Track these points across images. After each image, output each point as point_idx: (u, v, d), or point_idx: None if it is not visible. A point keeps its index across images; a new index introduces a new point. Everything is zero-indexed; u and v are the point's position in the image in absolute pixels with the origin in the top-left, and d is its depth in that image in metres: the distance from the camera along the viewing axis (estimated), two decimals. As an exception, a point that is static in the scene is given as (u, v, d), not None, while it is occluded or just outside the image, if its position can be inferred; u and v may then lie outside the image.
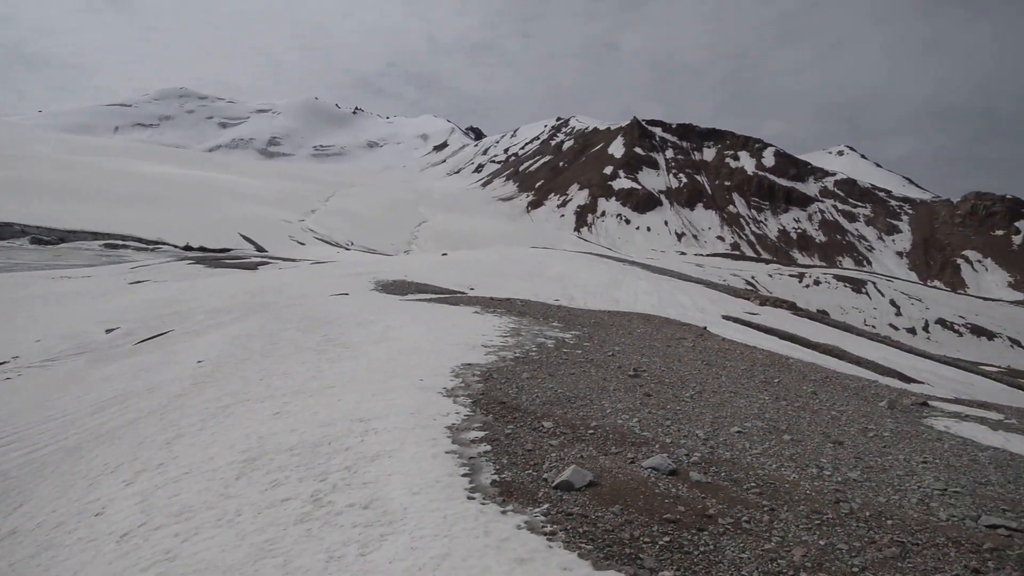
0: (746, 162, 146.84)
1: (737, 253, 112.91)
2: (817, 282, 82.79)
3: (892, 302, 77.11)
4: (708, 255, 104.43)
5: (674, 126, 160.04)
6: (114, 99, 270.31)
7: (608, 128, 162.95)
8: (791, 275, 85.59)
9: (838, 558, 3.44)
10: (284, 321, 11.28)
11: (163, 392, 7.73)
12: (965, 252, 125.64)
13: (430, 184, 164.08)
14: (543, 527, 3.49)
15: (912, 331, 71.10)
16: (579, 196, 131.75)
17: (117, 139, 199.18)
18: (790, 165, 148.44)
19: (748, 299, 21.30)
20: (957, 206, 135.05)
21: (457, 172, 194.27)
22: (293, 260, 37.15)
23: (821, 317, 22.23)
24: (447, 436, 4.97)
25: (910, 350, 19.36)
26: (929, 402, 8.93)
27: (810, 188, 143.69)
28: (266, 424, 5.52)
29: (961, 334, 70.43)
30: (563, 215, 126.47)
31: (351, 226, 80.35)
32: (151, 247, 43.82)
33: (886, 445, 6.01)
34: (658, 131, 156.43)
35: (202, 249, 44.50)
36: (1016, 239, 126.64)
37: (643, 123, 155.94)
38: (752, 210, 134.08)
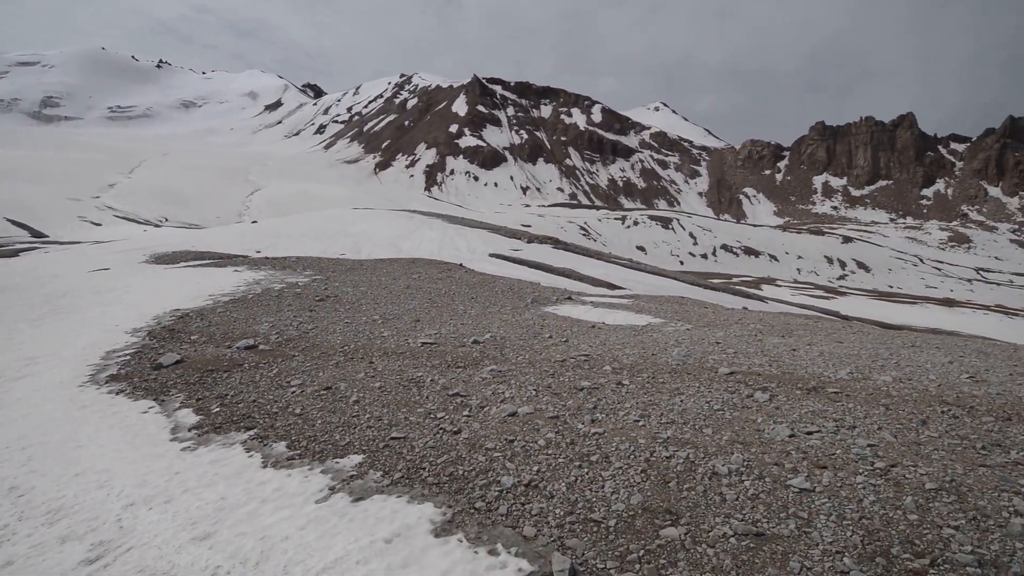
0: (578, 118, 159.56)
1: (575, 203, 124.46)
2: (636, 223, 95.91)
3: (691, 235, 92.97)
4: (549, 206, 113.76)
5: (513, 84, 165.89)
6: None
7: (451, 86, 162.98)
8: (615, 218, 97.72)
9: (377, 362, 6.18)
10: (13, 301, 11.35)
11: None
12: (745, 189, 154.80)
13: (265, 148, 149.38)
14: (138, 393, 5.81)
15: (704, 256, 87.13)
16: (427, 155, 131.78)
17: None
18: (615, 120, 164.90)
19: (519, 238, 25.89)
20: (738, 152, 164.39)
21: (297, 134, 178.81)
22: (77, 243, 33.12)
23: (577, 247, 27.84)
24: (100, 357, 6.87)
25: (634, 267, 25.45)
26: (573, 296, 12.77)
27: (631, 141, 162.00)
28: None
29: (737, 255, 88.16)
30: (412, 175, 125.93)
31: (164, 200, 71.45)
32: None
33: (504, 317, 9.47)
34: (498, 89, 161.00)
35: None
36: (778, 176, 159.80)
37: (483, 81, 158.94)
38: (586, 162, 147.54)
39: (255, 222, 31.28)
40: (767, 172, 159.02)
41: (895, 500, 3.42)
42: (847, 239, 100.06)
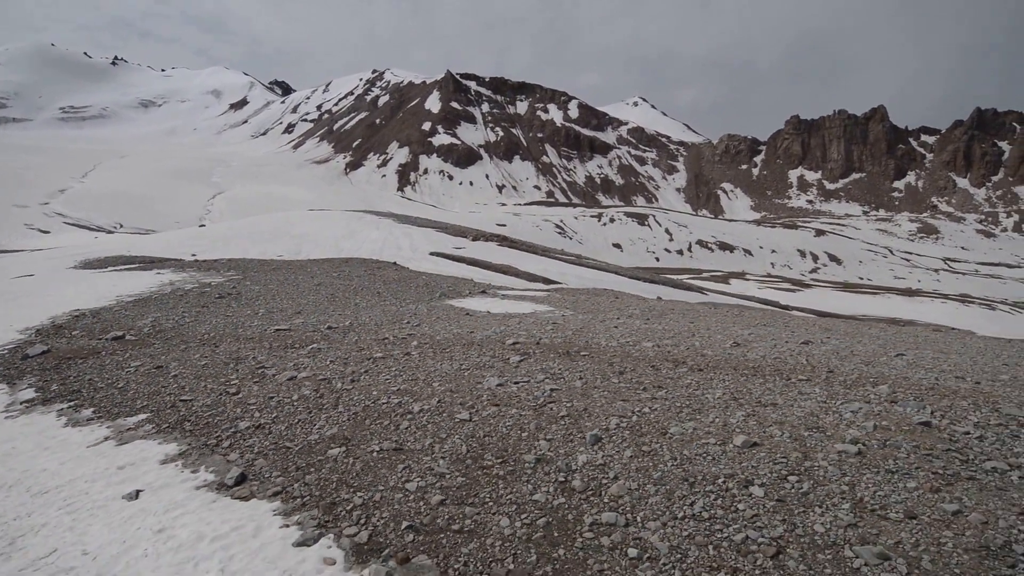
0: (555, 114, 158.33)
1: (552, 200, 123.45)
2: (612, 220, 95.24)
3: (667, 231, 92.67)
4: (525, 204, 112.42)
5: (488, 80, 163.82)
6: None
7: (424, 82, 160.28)
8: (592, 216, 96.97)
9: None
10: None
11: None
12: (723, 184, 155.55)
13: (230, 149, 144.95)
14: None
15: (680, 252, 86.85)
16: (400, 154, 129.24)
17: None
18: (592, 116, 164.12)
19: (465, 237, 24.90)
20: (716, 146, 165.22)
21: (264, 133, 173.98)
22: (19, 251, 31.33)
23: (524, 244, 27.40)
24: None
25: (579, 263, 24.84)
26: (488, 290, 13.51)
27: (609, 137, 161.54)
28: None
29: (713, 250, 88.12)
30: (384, 175, 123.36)
31: (119, 205, 68.53)
32: None
33: (389, 309, 10.29)
34: (473, 85, 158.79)
35: None
36: (755, 171, 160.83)
37: (457, 77, 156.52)
38: (563, 159, 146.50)
39: (203, 225, 29.95)
40: (744, 167, 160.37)
41: (520, 425, 4.54)
42: (820, 232, 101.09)
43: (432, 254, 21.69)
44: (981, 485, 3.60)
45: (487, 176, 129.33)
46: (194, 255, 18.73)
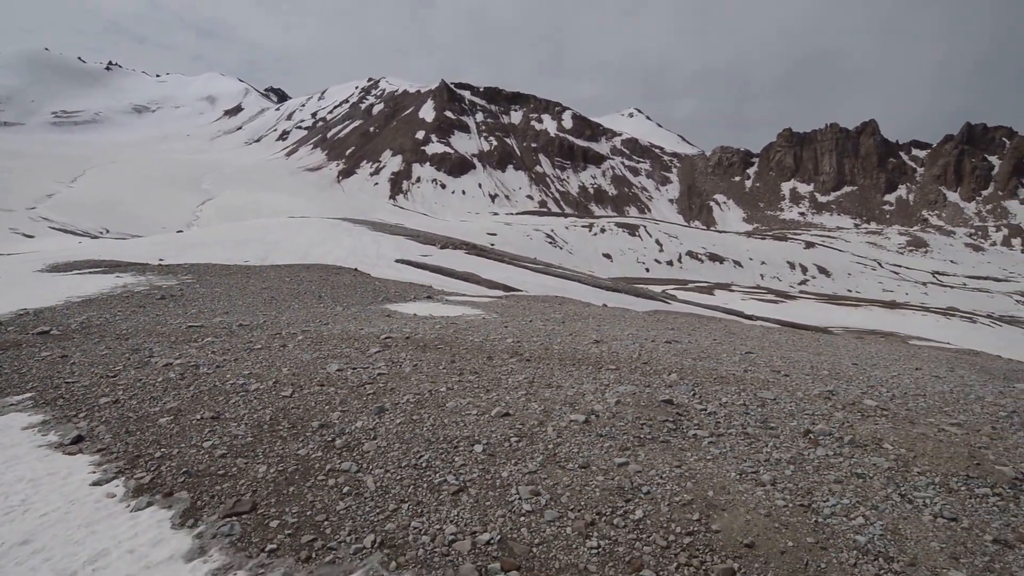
0: (548, 124, 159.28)
1: (544, 210, 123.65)
2: (603, 229, 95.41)
3: (657, 241, 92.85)
4: (517, 213, 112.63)
5: (482, 89, 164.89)
6: None
7: (418, 91, 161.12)
8: (583, 226, 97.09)
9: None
10: None
11: None
12: (716, 196, 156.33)
13: (223, 156, 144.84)
14: None
15: (670, 263, 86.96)
16: (392, 163, 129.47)
17: None
18: (585, 127, 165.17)
19: (434, 245, 24.94)
20: (709, 158, 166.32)
21: (258, 140, 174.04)
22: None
23: (493, 252, 27.42)
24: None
25: (544, 271, 24.86)
26: (435, 296, 13.57)
27: (603, 147, 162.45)
28: None
29: (703, 261, 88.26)
30: (377, 183, 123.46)
31: (106, 211, 68.41)
32: None
33: (320, 310, 10.50)
34: (467, 94, 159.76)
35: None
36: (747, 183, 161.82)
37: (451, 86, 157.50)
38: (556, 169, 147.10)
39: (180, 232, 30.06)
40: (737, 179, 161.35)
41: (328, 400, 5.25)
42: (809, 245, 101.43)
43: (397, 261, 21.62)
44: (667, 447, 4.37)
45: (480, 185, 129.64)
46: (161, 260, 18.78)
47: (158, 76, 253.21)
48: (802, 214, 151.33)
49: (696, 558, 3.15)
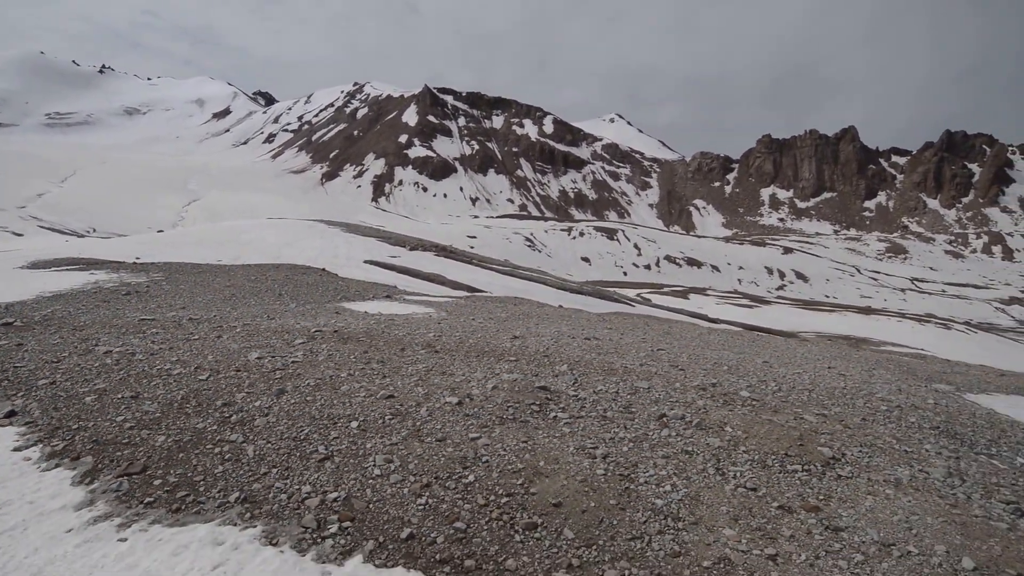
0: (530, 129, 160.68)
1: (524, 214, 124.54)
2: (582, 233, 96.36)
3: (635, 246, 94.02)
4: (498, 217, 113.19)
5: (464, 94, 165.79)
6: None
7: (402, 96, 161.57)
8: (562, 230, 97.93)
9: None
10: None
11: None
12: (695, 201, 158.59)
13: (210, 158, 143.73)
14: None
15: (648, 267, 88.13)
16: (375, 166, 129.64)
17: None
18: (566, 132, 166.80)
19: (403, 246, 25.67)
20: (689, 164, 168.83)
21: (245, 143, 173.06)
22: None
23: (462, 254, 28.33)
24: None
25: (511, 274, 25.66)
26: (394, 295, 13.97)
27: (583, 152, 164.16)
28: None
29: (681, 266, 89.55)
30: (359, 186, 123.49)
31: (94, 210, 68.17)
32: None
33: (274, 307, 10.81)
34: (449, 99, 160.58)
35: None
36: (727, 188, 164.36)
37: (434, 91, 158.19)
38: (537, 173, 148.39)
39: (161, 231, 30.32)
40: (717, 184, 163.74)
41: (238, 383, 5.64)
42: (787, 250, 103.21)
43: (366, 262, 21.88)
44: (524, 426, 4.80)
45: (461, 189, 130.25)
46: (137, 258, 18.77)
47: (149, 79, 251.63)
48: (781, 220, 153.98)
49: (507, 514, 3.57)
